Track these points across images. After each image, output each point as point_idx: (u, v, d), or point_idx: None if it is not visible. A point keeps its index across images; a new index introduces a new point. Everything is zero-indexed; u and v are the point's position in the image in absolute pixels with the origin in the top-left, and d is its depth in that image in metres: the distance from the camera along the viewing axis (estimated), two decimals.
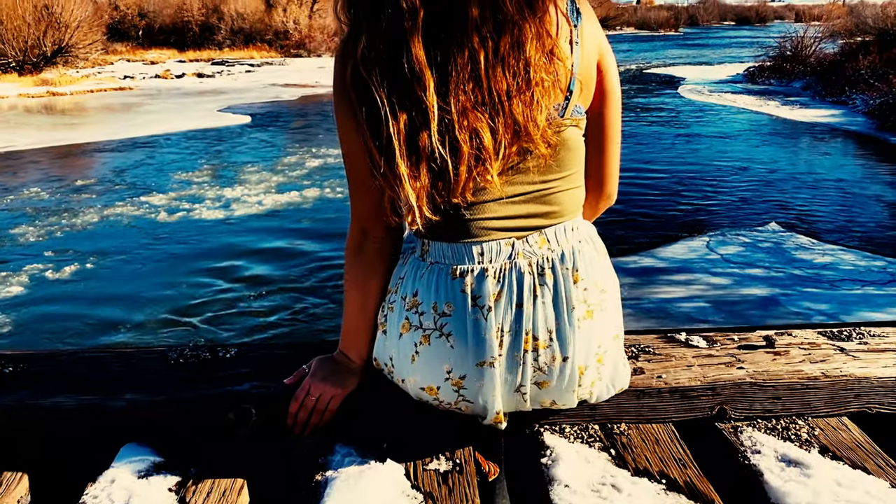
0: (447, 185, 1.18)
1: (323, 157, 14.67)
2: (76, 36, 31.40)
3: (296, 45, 49.04)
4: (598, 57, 1.29)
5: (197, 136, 17.63)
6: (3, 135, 17.87)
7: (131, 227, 10.37)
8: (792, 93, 24.75)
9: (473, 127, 1.14)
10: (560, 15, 1.21)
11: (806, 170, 13.34)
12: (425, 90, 1.12)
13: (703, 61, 40.73)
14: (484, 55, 1.12)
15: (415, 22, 1.11)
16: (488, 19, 1.12)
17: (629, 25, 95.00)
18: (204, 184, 12.68)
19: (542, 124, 1.18)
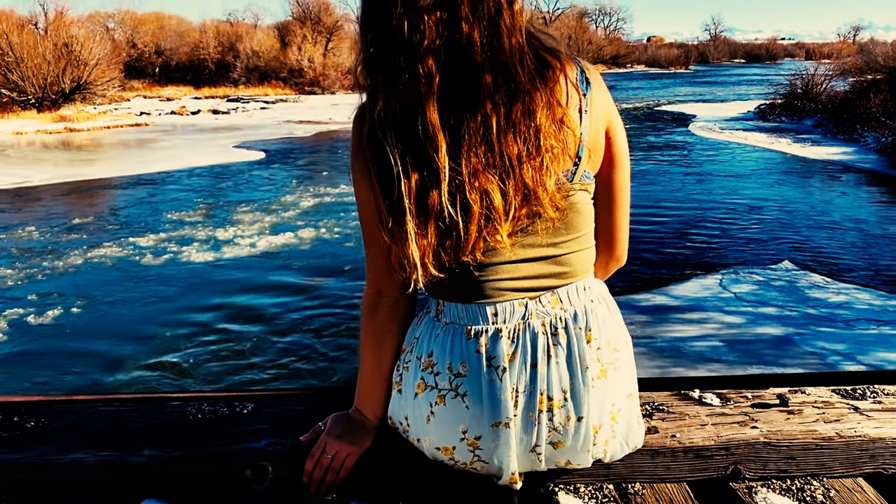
0: (456, 244, 1.21)
1: (322, 195, 14.63)
2: (94, 73, 31.99)
3: (310, 83, 49.68)
4: (607, 124, 1.32)
5: (203, 173, 17.82)
6: (21, 170, 18.13)
7: (115, 270, 10.13)
8: (803, 130, 24.79)
9: (484, 188, 1.17)
10: (570, 85, 1.25)
11: (819, 208, 13.31)
12: (437, 151, 1.16)
13: (714, 99, 40.95)
14: (496, 120, 1.16)
15: (430, 87, 1.15)
16: (501, 87, 1.16)
17: (640, 63, 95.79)
18: (198, 224, 12.54)
19: (552, 189, 1.21)
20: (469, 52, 1.16)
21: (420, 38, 1.14)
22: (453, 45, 1.15)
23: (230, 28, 58.62)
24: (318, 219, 12.64)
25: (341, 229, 11.82)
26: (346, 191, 14.81)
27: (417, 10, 1.15)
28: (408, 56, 1.15)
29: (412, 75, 1.15)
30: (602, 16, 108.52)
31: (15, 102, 30.11)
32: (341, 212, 12.91)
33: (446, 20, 1.15)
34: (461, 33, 1.15)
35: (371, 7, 1.20)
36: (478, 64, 1.16)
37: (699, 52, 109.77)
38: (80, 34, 32.99)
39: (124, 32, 56.77)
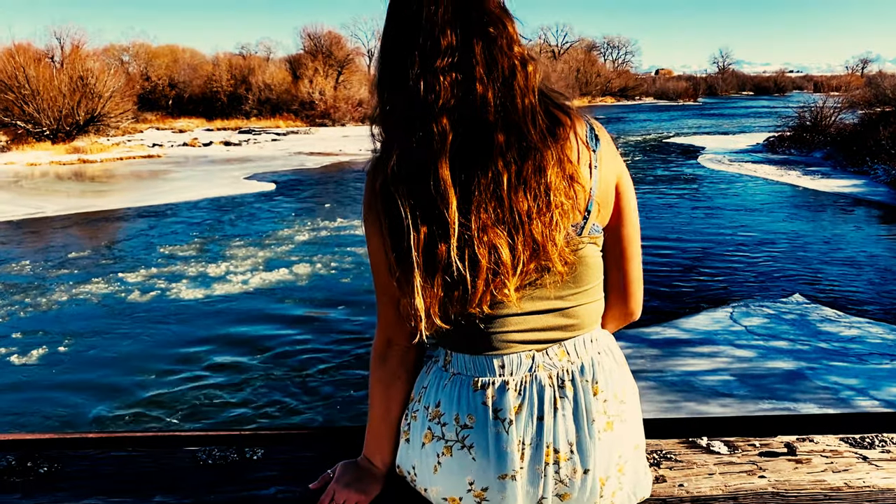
0: (462, 297, 1.22)
1: (321, 229, 14.56)
2: (108, 105, 32.43)
3: (321, 115, 50.18)
4: (616, 179, 1.35)
5: (208, 206, 17.94)
6: (35, 201, 18.33)
7: (102, 307, 9.89)
8: (813, 162, 24.80)
9: (493, 243, 1.20)
10: (580, 142, 1.28)
11: (829, 241, 13.27)
12: (448, 207, 1.18)
13: (723, 131, 41.05)
14: (507, 178, 1.19)
15: (443, 145, 1.18)
16: (513, 145, 1.19)
17: (648, 95, 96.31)
18: (190, 259, 12.34)
19: (561, 244, 1.23)
20: (483, 112, 1.19)
21: (435, 97, 1.18)
22: (467, 105, 1.18)
23: (243, 61, 59.42)
24: (315, 253, 12.54)
25: (337, 264, 11.75)
26: (343, 224, 14.80)
27: (434, 71, 1.18)
28: (423, 114, 1.19)
29: (426, 133, 1.18)
30: (610, 49, 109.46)
31: (30, 134, 30.53)
32: (336, 246, 12.87)
33: (461, 81, 1.19)
34: (475, 94, 1.18)
35: (389, 65, 1.24)
36: (491, 123, 1.19)
37: (707, 84, 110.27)
38: (96, 67, 33.52)
39: (139, 65, 57.65)
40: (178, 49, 64.64)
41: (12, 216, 16.46)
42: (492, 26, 1.21)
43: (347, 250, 12.36)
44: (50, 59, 39.05)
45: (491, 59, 1.20)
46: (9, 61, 30.75)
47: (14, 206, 17.59)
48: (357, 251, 12.27)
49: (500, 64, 1.20)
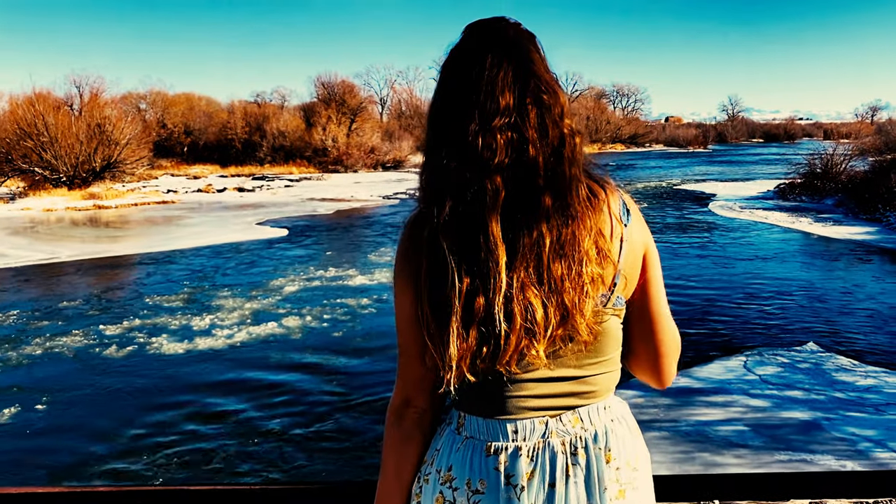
0: (493, 352, 1.24)
1: (318, 278, 14.23)
2: (125, 152, 32.91)
3: (333, 161, 50.72)
4: (644, 253, 1.37)
5: (215, 253, 17.90)
6: (49, 246, 18.51)
7: (75, 361, 9.54)
8: (824, 209, 24.75)
9: (529, 302, 1.22)
10: (613, 216, 1.32)
11: (842, 288, 13.16)
12: (497, 263, 1.22)
13: (733, 178, 41.15)
14: (549, 241, 1.23)
15: (496, 202, 1.22)
16: (558, 211, 1.24)
17: (658, 142, 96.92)
18: (177, 311, 11.92)
19: (589, 314, 1.25)
20: (534, 174, 1.23)
21: (491, 155, 1.22)
22: (520, 165, 1.23)
23: (258, 109, 60.38)
24: (309, 304, 12.19)
25: (327, 314, 11.51)
26: (340, 273, 14.61)
27: (492, 130, 1.23)
28: (479, 171, 1.23)
29: (480, 189, 1.23)
30: (620, 97, 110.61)
31: (47, 180, 30.97)
32: (332, 296, 12.61)
33: (515, 141, 1.23)
34: (528, 156, 1.23)
35: (447, 120, 1.28)
36: (540, 187, 1.24)
37: (717, 131, 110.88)
38: (113, 115, 34.12)
39: (155, 113, 58.68)
40: (194, 97, 65.81)
41: (27, 261, 16.61)
42: (546, 94, 1.26)
43: (341, 301, 12.15)
44: (69, 106, 39.86)
45: (544, 125, 1.25)
46: (29, 109, 31.37)
47: (29, 252, 17.76)
48: (350, 302, 12.07)
49: (551, 131, 1.25)
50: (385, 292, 12.71)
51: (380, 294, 12.62)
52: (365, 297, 12.40)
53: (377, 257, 16.57)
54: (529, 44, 1.31)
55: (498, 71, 1.25)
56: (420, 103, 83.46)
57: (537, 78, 1.27)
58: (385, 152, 54.75)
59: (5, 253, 17.55)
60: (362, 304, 11.97)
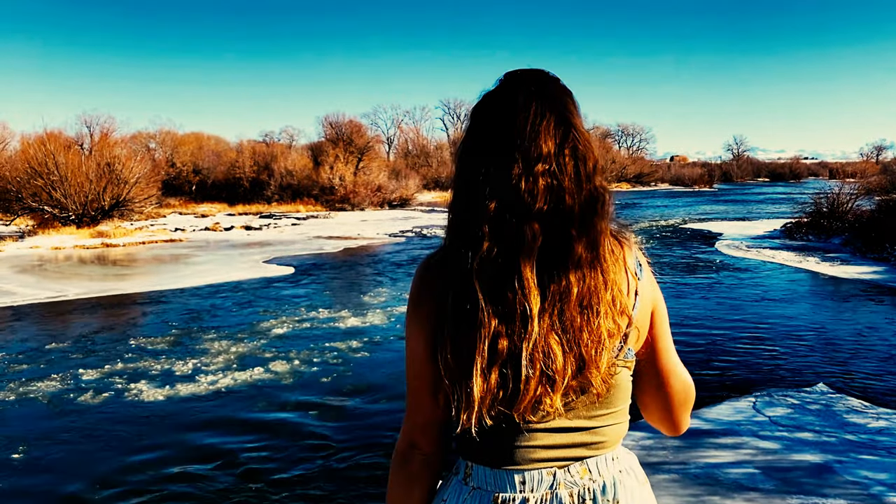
0: (511, 396, 1.26)
1: (315, 320, 13.92)
2: (134, 191, 33.16)
3: (340, 199, 51.03)
4: (653, 306, 1.40)
5: (217, 291, 17.92)
6: (57, 285, 18.56)
7: (50, 406, 9.18)
8: (831, 249, 24.70)
9: (552, 349, 1.25)
10: (629, 271, 1.37)
11: (852, 328, 13.06)
12: (530, 308, 1.25)
13: (740, 217, 41.16)
14: (577, 291, 1.27)
15: (533, 247, 1.26)
16: (587, 261, 1.28)
17: (663, 181, 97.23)
18: (163, 354, 11.49)
19: (604, 367, 1.28)
20: (569, 223, 1.27)
21: (532, 201, 1.26)
22: (558, 213, 1.27)
23: (266, 148, 60.95)
24: (306, 346, 11.88)
25: (315, 356, 11.24)
26: (334, 315, 14.43)
27: (534, 175, 1.27)
28: (520, 215, 1.26)
29: (519, 234, 1.26)
30: (625, 136, 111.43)
31: (56, 218, 31.20)
32: (330, 339, 12.30)
33: (555, 188, 1.28)
34: (565, 204, 1.28)
35: (487, 162, 1.31)
36: (573, 236, 1.27)
37: (722, 170, 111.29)
38: (123, 154, 34.45)
39: (164, 152, 59.28)
40: (203, 136, 66.57)
41: (35, 299, 16.66)
42: (583, 147, 1.32)
43: (332, 344, 11.90)
44: (79, 146, 40.30)
45: (579, 176, 1.29)
46: (40, 149, 31.72)
47: (37, 290, 17.82)
48: (340, 346, 11.79)
49: (585, 183, 1.30)
50: (378, 334, 12.56)
51: (373, 336, 12.48)
52: (356, 339, 12.20)
53: (372, 298, 16.53)
54: (568, 98, 1.36)
55: (541, 120, 1.29)
56: (426, 142, 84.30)
57: (576, 130, 1.31)
58: (392, 190, 55.09)
59: (13, 291, 17.61)
60: (353, 347, 11.75)
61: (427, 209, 52.36)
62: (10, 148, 43.02)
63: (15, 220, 33.47)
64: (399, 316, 13.91)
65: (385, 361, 11.17)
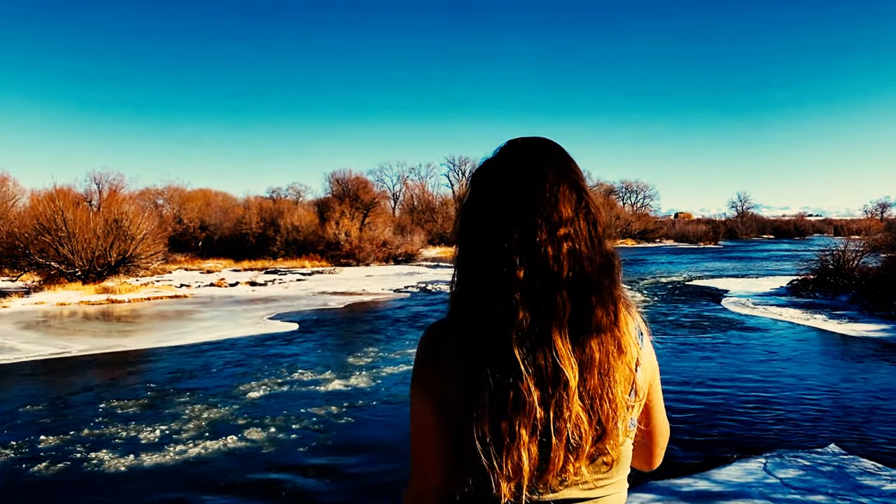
0: (544, 463, 1.26)
1: (295, 382, 13.46)
2: (140, 247, 33.34)
3: (346, 255, 51.22)
4: (652, 376, 1.44)
5: (205, 349, 17.83)
6: (61, 341, 18.52)
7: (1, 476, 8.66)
8: (838, 306, 24.57)
9: (579, 415, 1.26)
10: (633, 341, 1.37)
11: (862, 387, 12.89)
12: (567, 379, 1.25)
13: (745, 274, 41.12)
14: (598, 358, 1.28)
15: (564, 315, 1.27)
16: (606, 328, 1.30)
17: (668, 238, 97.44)
18: (136, 418, 11.07)
19: (620, 437, 1.31)
20: (589, 289, 1.29)
21: (559, 268, 1.28)
22: (581, 280, 1.29)
23: (272, 204, 61.49)
24: (283, 411, 11.42)
25: (294, 422, 10.81)
26: (319, 378, 14.16)
27: (558, 240, 1.29)
28: (550, 283, 1.28)
29: (551, 302, 1.27)
30: (629, 193, 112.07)
31: (63, 274, 31.31)
32: (313, 404, 11.81)
33: (576, 252, 1.30)
34: (585, 271, 1.29)
35: (513, 229, 1.31)
36: (593, 304, 1.29)
37: (727, 227, 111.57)
38: (130, 210, 34.79)
39: (172, 208, 59.85)
40: (210, 192, 67.29)
41: (38, 356, 16.60)
42: (594, 210, 1.35)
43: (305, 412, 11.47)
44: (88, 202, 40.74)
45: (593, 240, 1.32)
46: (49, 205, 32.06)
47: (40, 346, 17.78)
48: (319, 412, 11.39)
49: (598, 247, 1.33)
50: (362, 398, 12.26)
51: (360, 399, 12.18)
52: (339, 403, 11.84)
53: (367, 359, 16.41)
54: (574, 164, 1.39)
55: (558, 186, 1.32)
56: (431, 198, 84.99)
57: (586, 194, 1.35)
58: (397, 246, 55.32)
59: (16, 347, 17.57)
60: (334, 413, 11.35)
61: (432, 264, 52.45)
62: (20, 204, 43.48)
63: (21, 276, 33.61)
64: (392, 377, 13.75)
65: (375, 424, 10.83)
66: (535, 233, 1.28)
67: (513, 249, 1.29)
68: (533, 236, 1.28)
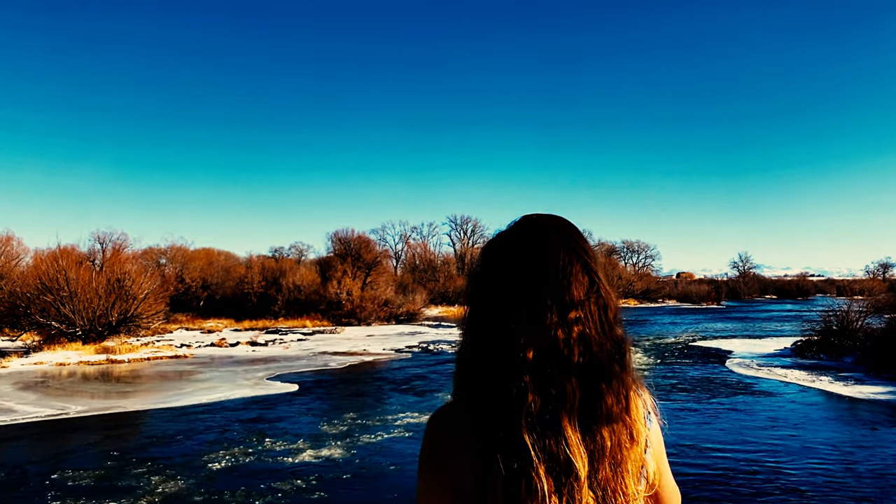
0: None
1: (267, 453, 12.91)
2: (142, 307, 33.28)
3: (347, 314, 51.08)
4: (659, 456, 1.44)
5: (196, 411, 17.63)
6: (59, 402, 18.34)
7: None
8: (843, 368, 24.36)
9: (588, 501, 1.24)
10: (643, 427, 1.34)
11: (874, 454, 12.67)
12: (577, 468, 1.22)
13: (749, 334, 40.92)
14: (609, 447, 1.26)
15: (574, 404, 1.25)
16: (619, 415, 1.27)
17: (671, 298, 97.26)
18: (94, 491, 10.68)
19: None
20: (600, 375, 1.27)
21: (570, 353, 1.26)
22: (590, 366, 1.27)
23: (275, 264, 61.60)
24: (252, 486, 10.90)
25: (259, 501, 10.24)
26: (293, 448, 13.95)
27: (568, 324, 1.27)
28: (560, 369, 1.25)
29: (561, 388, 1.24)
30: (630, 253, 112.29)
31: (63, 334, 31.18)
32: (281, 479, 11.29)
33: (586, 337, 1.27)
34: (596, 357, 1.27)
35: (523, 309, 1.29)
36: (604, 391, 1.26)
37: (729, 287, 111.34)
38: (133, 270, 34.83)
39: (174, 268, 59.95)
40: (213, 251, 67.49)
41: (35, 417, 16.42)
42: (606, 294, 1.33)
43: (278, 484, 11.04)
44: (91, 261, 40.84)
45: (604, 324, 1.30)
46: (52, 264, 32.14)
47: (37, 408, 17.60)
48: (295, 482, 10.98)
49: (609, 332, 1.30)
50: (338, 471, 11.96)
51: (342, 472, 11.89)
52: (303, 479, 11.33)
53: (362, 424, 16.20)
54: (587, 244, 1.37)
55: (571, 268, 1.30)
56: (433, 257, 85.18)
57: (598, 277, 1.33)
58: (399, 305, 55.23)
59: (13, 408, 17.38)
60: (301, 486, 10.84)
61: (434, 324, 52.26)
62: (24, 263, 43.58)
63: (21, 336, 33.46)
64: (369, 447, 13.43)
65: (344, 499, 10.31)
66: (546, 314, 1.26)
67: (522, 330, 1.27)
68: (543, 318, 1.26)
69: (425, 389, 20.61)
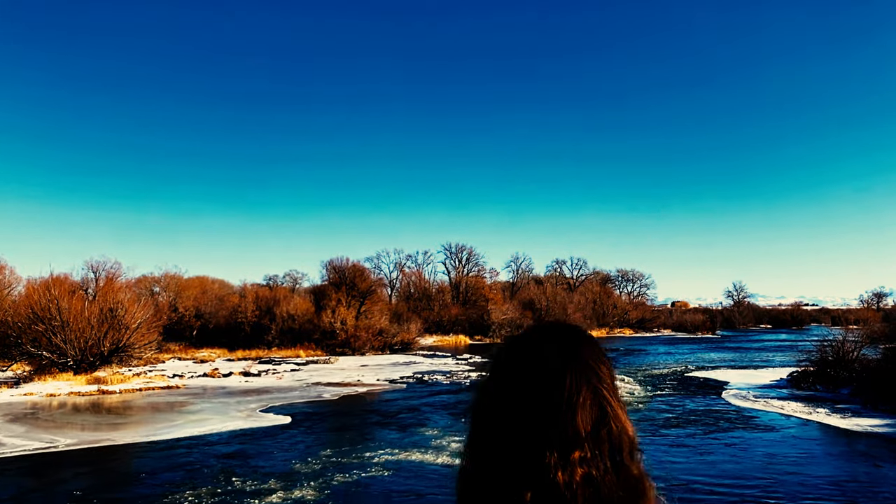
0: None
1: (247, 496, 12.44)
2: (134, 336, 33.01)
3: (341, 344, 50.80)
4: None
5: (185, 445, 17.43)
6: (48, 434, 18.09)
7: None
8: (840, 399, 24.24)
9: None
10: None
11: (868, 485, 12.55)
12: None
13: (744, 365, 40.82)
14: None
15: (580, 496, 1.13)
16: None
17: (665, 327, 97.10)
18: None
19: None
20: None
21: (572, 498, 1.12)
22: None
23: (269, 292, 61.36)
24: None
25: None
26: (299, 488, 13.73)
27: (571, 465, 1.14)
28: None
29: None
30: (625, 282, 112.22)
31: (54, 364, 30.86)
32: None
33: (593, 482, 1.14)
34: (602, 501, 1.14)
35: (522, 438, 1.18)
36: None
37: (724, 316, 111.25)
38: (126, 299, 34.58)
39: (168, 296, 59.61)
40: (207, 280, 67.27)
41: (23, 450, 16.17)
42: (618, 427, 1.19)
43: None
44: (84, 290, 40.59)
45: (616, 465, 1.16)
46: (44, 294, 31.90)
47: (25, 441, 17.34)
48: None
49: (622, 472, 1.17)
50: None
51: None
52: None
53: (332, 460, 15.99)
54: (602, 365, 1.24)
55: (578, 396, 1.18)
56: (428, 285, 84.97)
57: (611, 407, 1.19)
58: (393, 334, 54.99)
59: (1, 441, 17.12)
60: None
61: (429, 353, 51.95)
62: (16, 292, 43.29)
63: (12, 366, 33.12)
64: (343, 486, 13.14)
65: None
66: (545, 452, 1.14)
67: (517, 464, 1.16)
68: (542, 456, 1.14)
69: (413, 423, 20.36)
